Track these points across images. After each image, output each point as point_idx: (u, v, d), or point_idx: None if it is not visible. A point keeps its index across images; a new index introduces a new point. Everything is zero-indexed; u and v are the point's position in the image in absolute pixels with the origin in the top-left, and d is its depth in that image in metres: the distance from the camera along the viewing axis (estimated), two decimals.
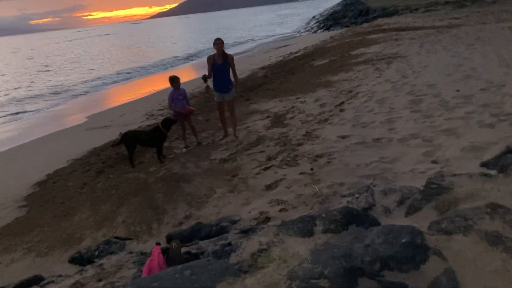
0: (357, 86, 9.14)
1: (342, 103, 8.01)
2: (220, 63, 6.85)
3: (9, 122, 14.00)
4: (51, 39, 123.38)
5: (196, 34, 59.61)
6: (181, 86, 7.51)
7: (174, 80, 7.28)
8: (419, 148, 4.85)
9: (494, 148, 4.15)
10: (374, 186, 3.43)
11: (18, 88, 22.03)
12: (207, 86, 7.32)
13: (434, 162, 4.32)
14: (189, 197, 5.38)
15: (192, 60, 29.05)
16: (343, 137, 6.02)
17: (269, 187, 4.96)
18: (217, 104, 7.40)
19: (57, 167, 8.06)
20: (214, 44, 6.77)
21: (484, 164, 3.60)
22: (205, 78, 7.00)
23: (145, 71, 25.27)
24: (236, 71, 7.14)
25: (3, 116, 14.91)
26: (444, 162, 4.24)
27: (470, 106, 5.89)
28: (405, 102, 7.01)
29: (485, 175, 2.89)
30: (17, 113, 15.24)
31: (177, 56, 31.10)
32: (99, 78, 23.49)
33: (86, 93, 19.29)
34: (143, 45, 49.27)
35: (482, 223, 2.32)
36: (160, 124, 7.13)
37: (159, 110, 12.12)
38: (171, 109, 7.50)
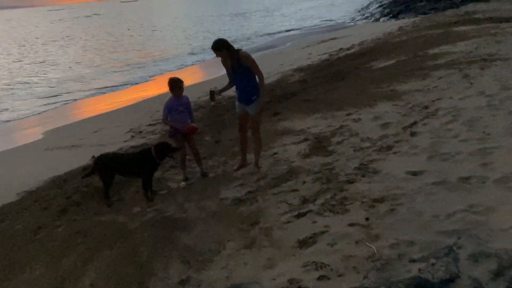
0: (437, 100, 9.08)
1: (414, 123, 7.96)
2: (234, 68, 7.11)
3: None
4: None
5: (206, 20, 61.49)
6: (184, 93, 7.67)
7: (175, 83, 7.44)
8: None
9: None
10: (459, 248, 3.35)
11: None
12: (212, 93, 7.42)
13: None
14: (187, 252, 5.38)
15: (196, 54, 29.45)
16: (414, 173, 5.97)
17: (303, 243, 4.90)
18: (239, 118, 7.62)
19: (2, 201, 8.12)
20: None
21: None
22: (212, 94, 7.24)
23: (133, 69, 25.88)
24: (263, 74, 7.17)
25: None
26: None
27: None
28: (507, 125, 6.93)
29: None
30: None
31: (179, 50, 31.90)
32: (68, 78, 24.74)
33: (50, 97, 20.00)
34: (136, 33, 50.71)
35: None
36: (153, 148, 7.23)
37: (150, 125, 12.15)
38: (165, 123, 7.61)
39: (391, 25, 27.20)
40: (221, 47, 7.09)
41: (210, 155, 8.92)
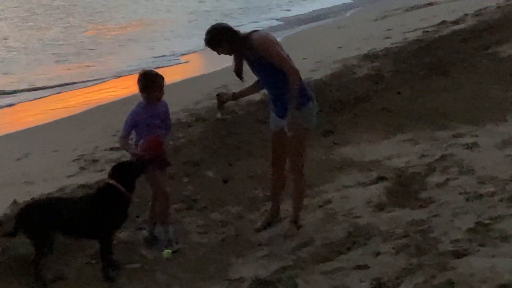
0: None
1: None
2: (252, 64, 7.36)
3: None
4: None
5: None
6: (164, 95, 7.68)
7: (152, 81, 7.55)
8: None
9: None
10: None
11: None
12: (220, 98, 7.56)
13: None
14: None
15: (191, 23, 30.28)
16: None
17: None
18: (272, 140, 7.73)
19: None
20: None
21: None
22: (221, 100, 7.45)
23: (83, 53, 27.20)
24: (292, 67, 7.17)
25: None
26: None
27: None
28: None
29: None
30: None
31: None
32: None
33: None
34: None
35: None
36: (110, 176, 7.25)
37: (112, 149, 12.36)
38: (123, 146, 7.84)
39: None
40: (218, 40, 7.21)
41: (214, 204, 8.69)
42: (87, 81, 22.58)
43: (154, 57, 27.10)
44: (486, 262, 5.68)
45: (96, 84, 22.18)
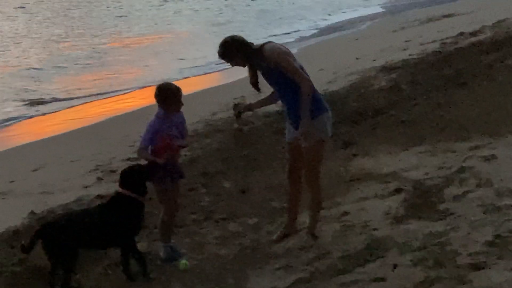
0: None
1: None
2: (266, 76, 7.44)
3: None
4: None
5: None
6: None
7: (174, 94, 7.60)
8: None
9: None
10: None
11: None
12: (237, 108, 7.61)
13: None
14: None
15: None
16: None
17: None
18: (288, 152, 7.77)
19: None
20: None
21: None
22: (238, 110, 7.49)
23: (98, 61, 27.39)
24: (304, 77, 7.22)
25: None
26: None
27: None
28: None
29: None
30: None
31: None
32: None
33: None
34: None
35: None
36: (120, 185, 7.32)
37: (130, 159, 12.23)
38: (142, 156, 7.74)
39: None
40: (231, 53, 7.29)
41: (231, 215, 8.73)
42: (111, 91, 22.51)
43: (181, 68, 27.14)
44: (504, 275, 5.71)
45: (118, 95, 22.09)
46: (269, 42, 7.44)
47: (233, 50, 7.28)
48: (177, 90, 7.62)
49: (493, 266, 5.93)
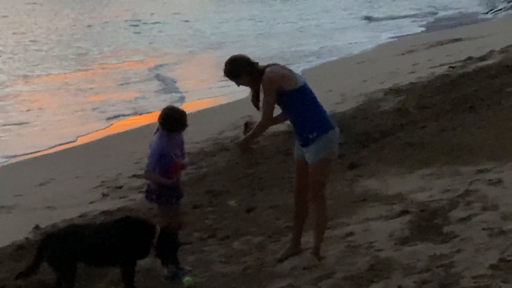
0: None
1: None
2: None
3: None
4: None
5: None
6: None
7: (180, 119, 7.68)
8: None
9: None
10: None
11: None
12: (248, 127, 7.63)
13: None
14: None
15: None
16: None
17: None
18: (296, 169, 7.78)
19: None
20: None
21: None
22: (249, 127, 7.55)
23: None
24: (266, 115, 7.37)
25: None
26: None
27: None
28: None
29: None
30: None
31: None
32: None
33: None
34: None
35: None
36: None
37: (135, 176, 12.42)
38: (151, 178, 7.76)
39: None
40: (237, 72, 7.33)
41: (236, 233, 8.70)
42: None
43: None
44: None
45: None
46: (272, 64, 7.44)
47: (238, 69, 7.31)
48: (184, 115, 7.72)
49: None
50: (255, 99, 7.46)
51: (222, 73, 7.60)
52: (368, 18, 48.43)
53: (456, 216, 7.84)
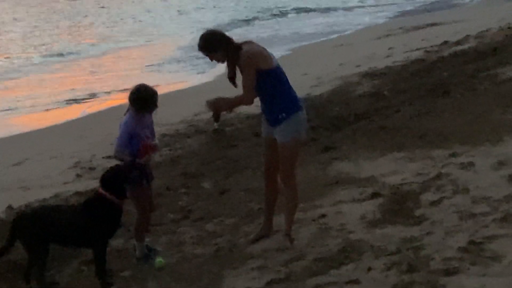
0: None
1: None
2: (240, 69, 7.44)
3: None
4: None
5: None
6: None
7: (151, 98, 7.64)
8: None
9: None
10: None
11: None
12: (214, 114, 7.48)
13: None
14: None
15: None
16: None
17: None
18: (265, 149, 7.78)
19: None
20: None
21: None
22: (217, 114, 7.43)
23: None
24: (248, 93, 7.27)
25: None
26: None
27: None
28: None
29: None
30: None
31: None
32: None
33: None
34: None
35: None
36: (100, 184, 7.36)
37: (110, 157, 12.09)
38: (121, 156, 7.74)
39: None
40: (213, 46, 7.24)
41: (209, 215, 8.70)
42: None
43: None
44: (476, 281, 5.80)
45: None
46: (249, 42, 7.42)
47: (215, 43, 7.24)
48: (155, 93, 7.68)
49: (466, 272, 6.01)
50: (231, 74, 7.46)
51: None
52: None
53: (427, 199, 7.97)
